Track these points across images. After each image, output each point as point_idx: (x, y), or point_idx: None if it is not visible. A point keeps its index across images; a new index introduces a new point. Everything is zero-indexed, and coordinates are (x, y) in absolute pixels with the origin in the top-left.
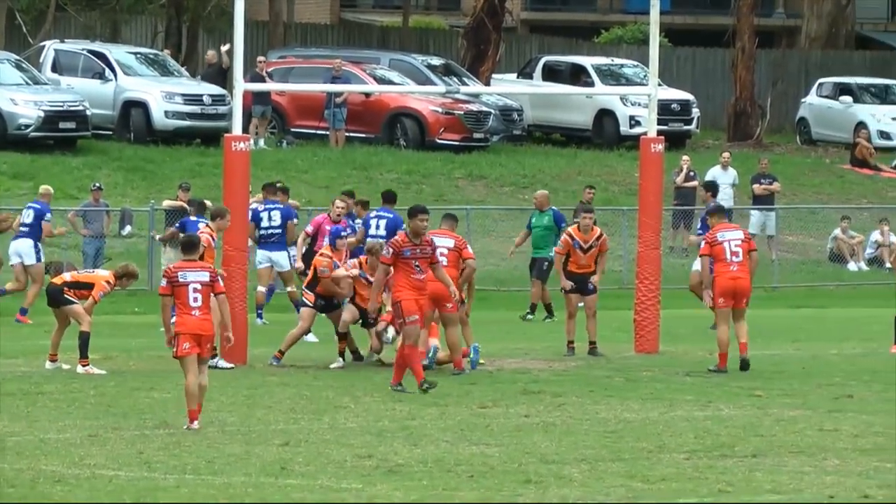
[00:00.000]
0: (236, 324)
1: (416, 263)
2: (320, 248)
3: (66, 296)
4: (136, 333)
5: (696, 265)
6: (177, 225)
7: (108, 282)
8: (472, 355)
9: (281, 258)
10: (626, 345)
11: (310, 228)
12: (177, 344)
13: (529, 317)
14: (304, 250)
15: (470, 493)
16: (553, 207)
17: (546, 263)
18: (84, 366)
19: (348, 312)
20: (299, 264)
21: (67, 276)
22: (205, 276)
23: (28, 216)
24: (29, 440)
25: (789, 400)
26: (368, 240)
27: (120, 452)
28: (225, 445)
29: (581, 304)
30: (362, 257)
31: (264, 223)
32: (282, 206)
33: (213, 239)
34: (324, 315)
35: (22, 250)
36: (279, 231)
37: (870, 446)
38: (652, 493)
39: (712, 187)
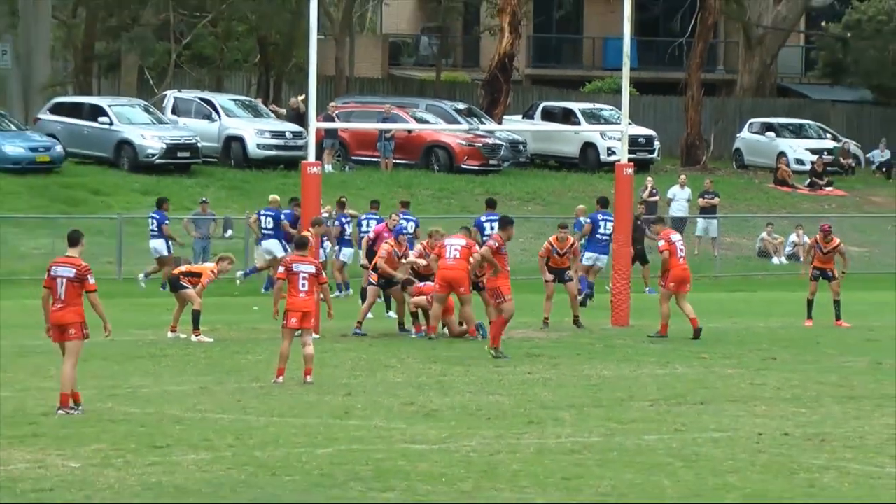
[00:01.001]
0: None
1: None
2: (378, 248)
3: (181, 283)
4: (237, 311)
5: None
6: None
7: (212, 271)
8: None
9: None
10: (604, 320)
11: (372, 234)
12: (286, 318)
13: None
14: (365, 250)
15: (488, 432)
16: (580, 218)
17: None
18: (196, 335)
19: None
20: (364, 261)
21: (183, 268)
22: (311, 269)
23: (268, 221)
24: (155, 392)
25: (728, 361)
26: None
27: (223, 401)
28: (302, 395)
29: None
30: (424, 242)
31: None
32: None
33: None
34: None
35: (273, 247)
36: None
37: (789, 396)
38: (625, 431)
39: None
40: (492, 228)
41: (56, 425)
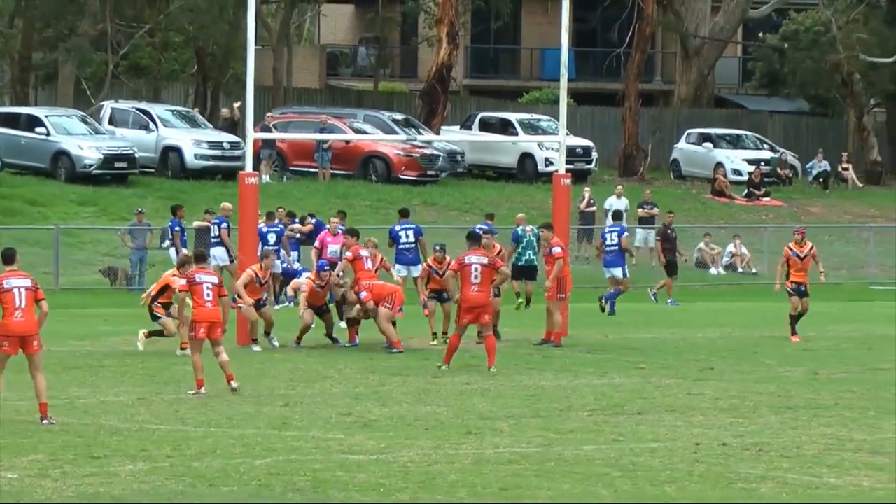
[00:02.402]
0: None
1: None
2: (325, 256)
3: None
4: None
5: None
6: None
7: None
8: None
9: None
10: (541, 330)
11: (317, 244)
12: (194, 329)
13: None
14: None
15: (426, 442)
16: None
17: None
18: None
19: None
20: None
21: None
22: (214, 279)
23: (215, 229)
24: (92, 402)
25: (665, 371)
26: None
27: (161, 411)
28: (240, 406)
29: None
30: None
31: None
32: (279, 228)
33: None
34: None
35: (219, 255)
36: (278, 247)
37: (727, 406)
38: (563, 442)
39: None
40: (406, 237)
41: None
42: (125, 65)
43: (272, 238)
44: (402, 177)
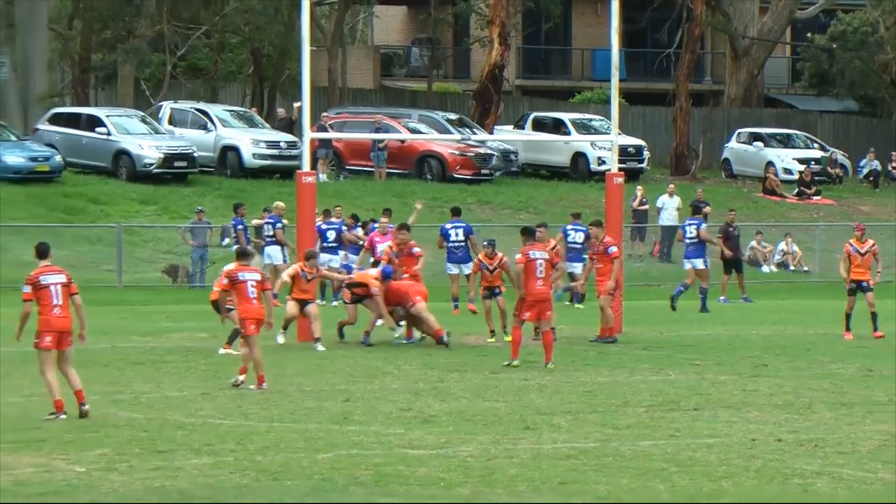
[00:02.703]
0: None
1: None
2: (376, 256)
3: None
4: None
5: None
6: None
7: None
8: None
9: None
10: (597, 327)
11: (366, 244)
12: (244, 326)
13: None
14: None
15: (485, 437)
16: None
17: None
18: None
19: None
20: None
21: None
22: (257, 276)
23: (268, 228)
24: (157, 397)
25: (720, 367)
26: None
27: (225, 406)
28: (302, 401)
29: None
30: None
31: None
32: (337, 226)
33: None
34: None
35: (273, 254)
36: (337, 244)
37: (781, 402)
38: (620, 437)
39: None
40: (456, 235)
41: (60, 430)
42: (183, 66)
43: (331, 235)
44: (456, 176)
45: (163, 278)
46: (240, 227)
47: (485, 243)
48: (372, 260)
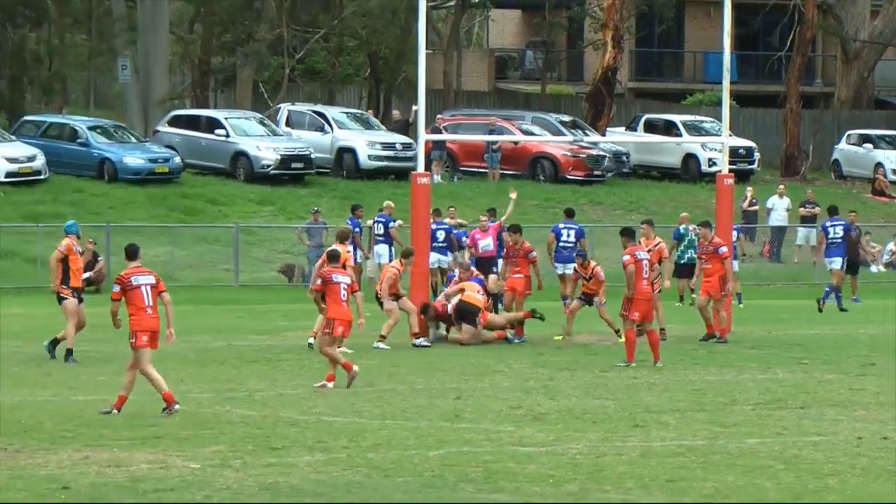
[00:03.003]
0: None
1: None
2: (477, 253)
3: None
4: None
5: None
6: None
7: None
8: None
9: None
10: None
11: (468, 241)
12: (333, 327)
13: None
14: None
15: (594, 435)
16: (679, 227)
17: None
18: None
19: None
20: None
21: None
22: (347, 279)
23: (378, 227)
24: (271, 395)
25: (827, 366)
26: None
27: (337, 404)
28: (414, 399)
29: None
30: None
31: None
32: (446, 225)
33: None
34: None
35: (382, 252)
36: (447, 244)
37: (888, 401)
38: (727, 435)
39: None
40: (568, 236)
41: (176, 427)
42: (301, 69)
43: (441, 235)
44: (569, 177)
45: (279, 278)
46: (356, 229)
47: (577, 255)
48: (474, 259)
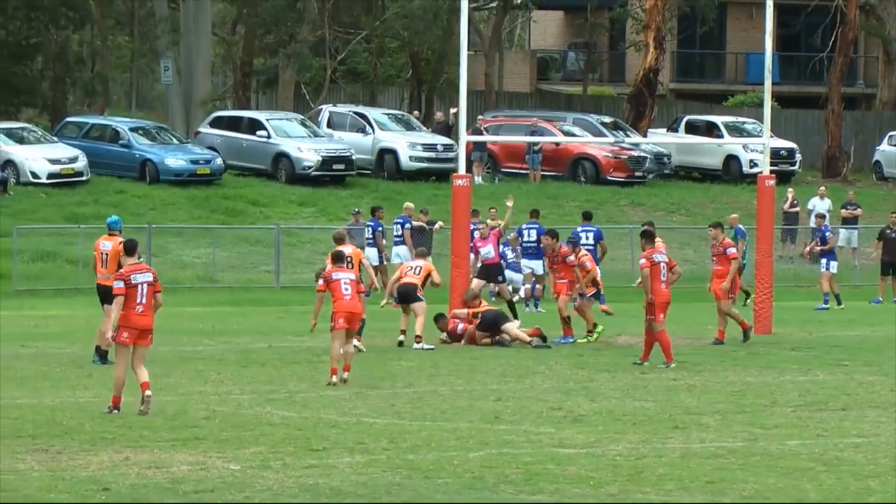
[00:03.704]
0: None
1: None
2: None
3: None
4: (387, 318)
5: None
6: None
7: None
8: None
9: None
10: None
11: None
12: (334, 320)
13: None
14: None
15: (634, 436)
16: (739, 226)
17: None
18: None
19: None
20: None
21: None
22: (352, 276)
23: (397, 229)
24: (312, 396)
25: (868, 368)
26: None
27: (378, 405)
28: (454, 400)
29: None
30: None
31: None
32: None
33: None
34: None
35: (400, 253)
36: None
37: None
38: (767, 436)
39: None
40: (587, 239)
41: (216, 429)
42: (343, 70)
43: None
44: (610, 178)
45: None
46: (378, 229)
47: (568, 241)
48: (480, 265)
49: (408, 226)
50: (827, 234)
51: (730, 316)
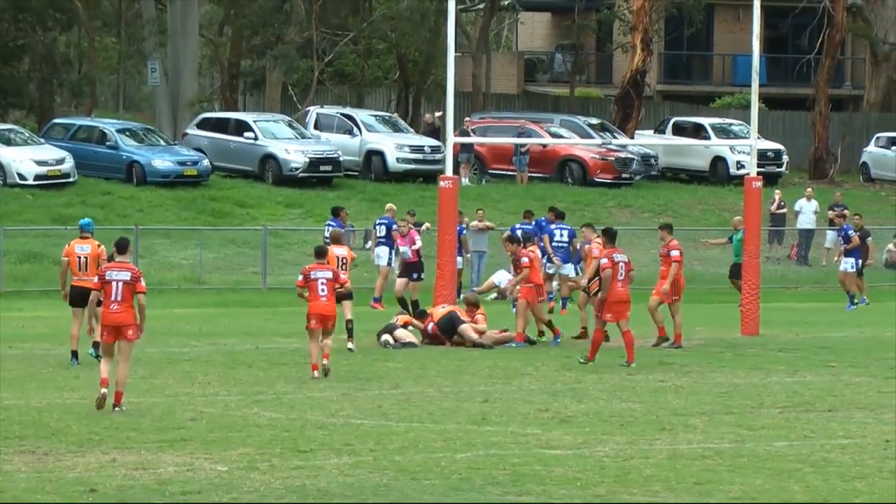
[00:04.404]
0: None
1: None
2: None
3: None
4: (378, 319)
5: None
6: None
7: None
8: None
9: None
10: (734, 329)
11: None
12: (309, 321)
13: None
14: None
15: (621, 438)
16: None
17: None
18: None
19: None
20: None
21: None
22: (329, 274)
23: (381, 230)
24: (299, 397)
25: (855, 369)
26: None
27: (365, 406)
28: (441, 401)
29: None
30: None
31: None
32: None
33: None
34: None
35: (382, 254)
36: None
37: None
38: (755, 438)
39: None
40: (561, 236)
41: (203, 430)
42: (330, 71)
43: (394, 231)
44: (597, 179)
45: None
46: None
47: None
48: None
49: (395, 227)
50: (850, 232)
51: (652, 317)
